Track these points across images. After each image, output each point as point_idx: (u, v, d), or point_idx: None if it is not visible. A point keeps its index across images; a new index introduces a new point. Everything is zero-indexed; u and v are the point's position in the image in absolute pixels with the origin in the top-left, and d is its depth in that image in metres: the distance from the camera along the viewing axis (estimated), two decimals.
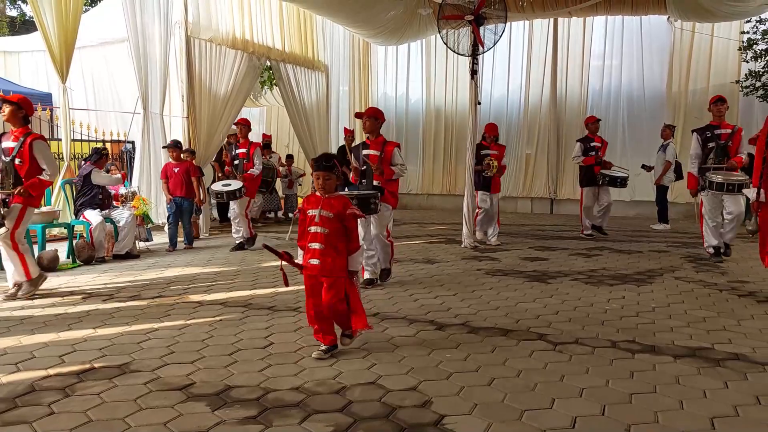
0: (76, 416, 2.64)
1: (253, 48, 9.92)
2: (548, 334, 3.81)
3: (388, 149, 5.19)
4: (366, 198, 4.86)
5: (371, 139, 5.21)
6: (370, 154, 5.15)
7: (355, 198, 4.68)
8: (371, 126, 5.15)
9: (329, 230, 3.36)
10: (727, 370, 3.17)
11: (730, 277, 5.68)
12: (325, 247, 3.35)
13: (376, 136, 5.21)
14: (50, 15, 7.15)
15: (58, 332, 3.91)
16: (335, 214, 3.36)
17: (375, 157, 5.13)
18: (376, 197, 4.93)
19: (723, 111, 6.50)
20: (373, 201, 4.85)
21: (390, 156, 5.20)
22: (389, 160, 5.19)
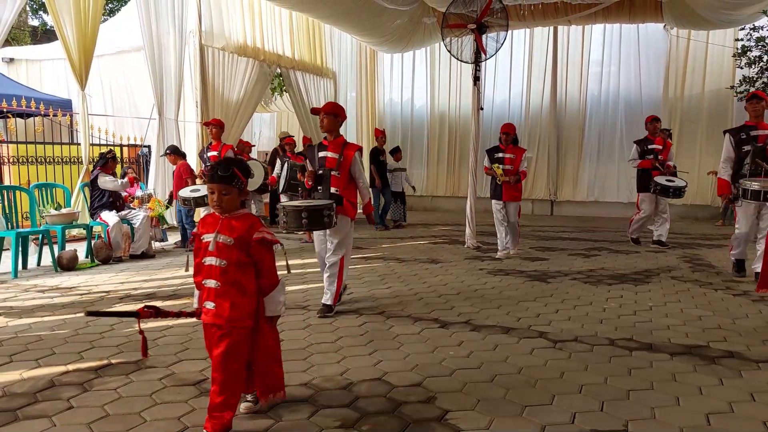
0: (94, 411, 2.74)
1: (264, 56, 10.17)
2: (548, 332, 3.91)
3: (348, 153, 4.43)
4: (317, 209, 4.16)
5: (330, 140, 4.48)
6: (327, 157, 4.44)
7: (304, 210, 4.13)
8: (329, 124, 4.41)
9: (228, 262, 2.47)
10: (722, 367, 3.28)
11: (724, 277, 5.79)
12: (222, 286, 2.48)
13: (336, 136, 4.48)
14: (70, 25, 7.34)
15: (77, 329, 4.01)
16: (236, 240, 2.46)
17: (333, 161, 4.41)
18: (331, 208, 4.21)
19: (760, 110, 5.68)
20: (327, 213, 4.17)
21: (349, 162, 4.43)
22: (348, 165, 4.44)
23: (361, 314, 4.42)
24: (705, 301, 4.80)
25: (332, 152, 4.43)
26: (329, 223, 4.21)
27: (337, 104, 4.60)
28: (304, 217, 4.12)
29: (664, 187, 7.42)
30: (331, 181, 4.40)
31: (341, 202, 4.38)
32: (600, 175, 12.55)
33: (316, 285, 5.49)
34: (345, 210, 4.42)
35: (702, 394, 2.91)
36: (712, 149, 11.59)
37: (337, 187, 4.40)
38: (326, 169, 4.42)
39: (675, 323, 4.14)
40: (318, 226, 4.26)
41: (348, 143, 4.51)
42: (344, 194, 4.43)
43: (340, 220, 4.38)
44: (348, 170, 4.43)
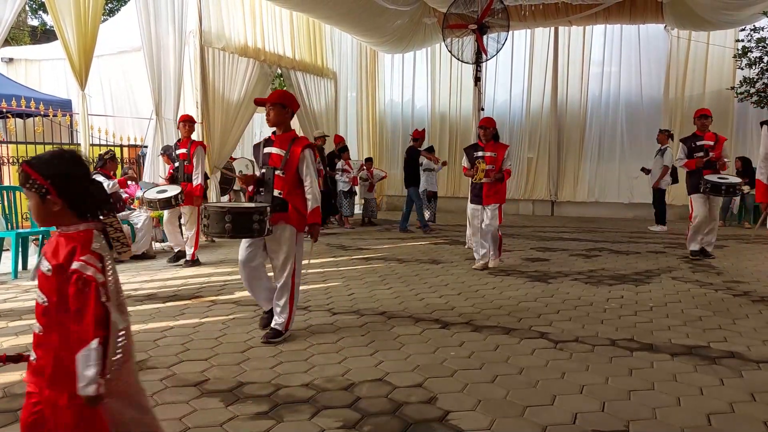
0: None
1: (265, 56, 10.19)
2: (549, 333, 3.91)
3: (296, 149, 3.72)
4: (245, 213, 3.53)
5: (277, 134, 3.83)
6: (272, 154, 3.76)
7: (228, 212, 3.53)
8: (276, 116, 3.75)
9: (48, 299, 1.72)
10: (723, 367, 3.28)
11: (725, 278, 5.79)
12: (44, 332, 1.73)
13: (285, 130, 3.83)
14: (70, 24, 7.33)
15: None
16: (55, 268, 1.70)
17: (278, 158, 3.75)
18: (263, 213, 3.54)
19: None
20: (258, 218, 3.51)
21: (296, 159, 3.71)
22: (295, 163, 3.72)
23: (362, 315, 4.42)
24: (705, 302, 4.80)
25: (278, 148, 3.76)
26: (259, 231, 3.54)
27: (285, 93, 3.96)
28: (227, 221, 3.48)
29: (715, 184, 6.38)
30: (274, 182, 3.71)
31: (285, 208, 3.68)
32: (600, 176, 12.56)
33: (316, 285, 5.50)
34: (290, 218, 3.69)
35: (703, 395, 2.91)
36: None
37: (281, 189, 3.71)
38: (269, 167, 3.74)
39: (676, 323, 4.14)
40: (244, 233, 3.59)
41: (298, 138, 3.84)
42: (290, 199, 3.70)
43: (283, 231, 3.68)
44: (295, 170, 3.71)
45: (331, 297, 5.02)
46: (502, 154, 6.22)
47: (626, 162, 12.12)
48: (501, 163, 6.18)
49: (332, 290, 5.28)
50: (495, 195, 6.20)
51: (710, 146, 6.66)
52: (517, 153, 12.98)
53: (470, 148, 6.44)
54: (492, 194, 6.19)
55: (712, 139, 6.70)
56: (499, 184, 6.19)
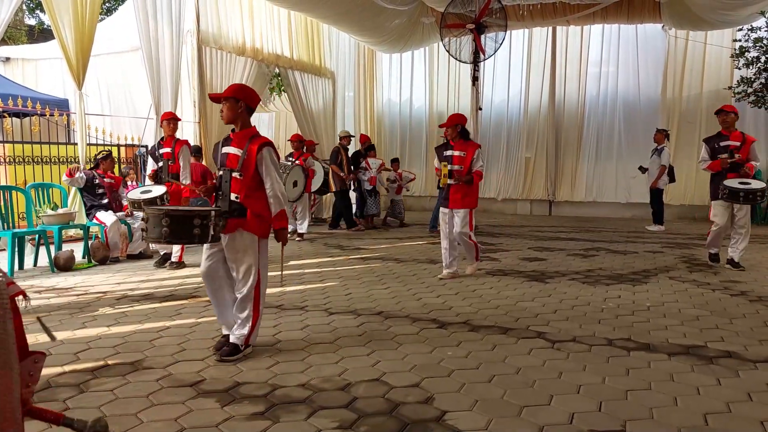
0: (90, 412, 2.72)
1: (262, 56, 10.16)
2: (547, 333, 3.91)
3: (252, 148, 3.40)
4: (183, 218, 3.20)
5: (235, 132, 3.52)
6: (229, 154, 3.48)
7: (165, 215, 3.20)
8: (230, 112, 3.45)
9: None
10: (720, 367, 3.28)
11: (722, 277, 5.80)
12: None
13: (243, 127, 3.50)
14: (67, 24, 7.33)
15: (73, 330, 4.00)
16: None
17: (235, 159, 3.45)
18: (206, 218, 3.21)
19: None
20: (201, 223, 3.19)
21: (254, 159, 3.39)
22: (253, 164, 3.41)
23: (359, 315, 4.41)
24: (702, 301, 4.80)
25: (235, 148, 3.45)
26: (200, 237, 3.22)
27: (240, 86, 3.60)
28: (164, 225, 3.17)
29: (733, 190, 5.84)
30: (231, 185, 3.42)
31: (243, 213, 3.39)
32: (598, 176, 12.57)
33: (313, 285, 5.49)
34: (248, 224, 3.39)
35: (700, 394, 2.91)
36: None
37: (237, 192, 3.40)
38: (226, 169, 3.45)
39: (673, 323, 4.14)
40: (183, 239, 3.31)
41: (256, 136, 3.49)
42: (248, 203, 3.40)
43: (241, 239, 3.40)
44: (254, 171, 3.39)
45: (328, 297, 5.01)
46: (472, 153, 5.70)
47: (624, 162, 12.14)
48: (470, 164, 5.69)
49: (329, 290, 5.27)
50: (464, 199, 5.71)
51: (736, 147, 6.04)
52: (515, 153, 13.00)
53: (441, 147, 5.97)
54: (459, 198, 5.70)
55: (738, 139, 6.08)
56: (469, 187, 5.70)
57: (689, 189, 11.79)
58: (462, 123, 5.76)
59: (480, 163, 5.76)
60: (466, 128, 5.80)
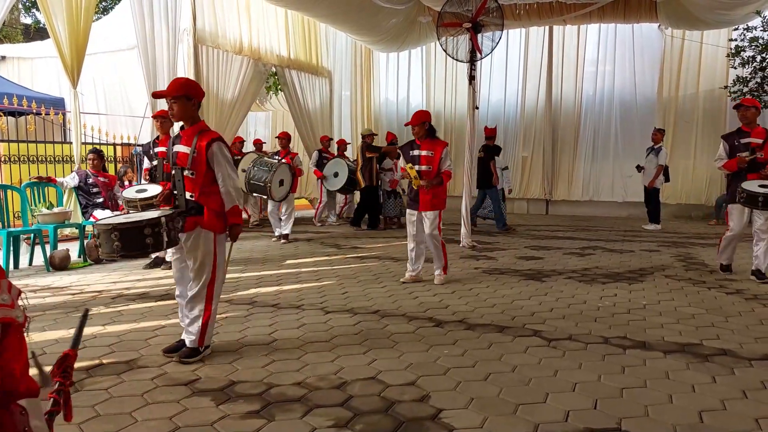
0: (85, 411, 2.72)
1: (259, 54, 10.14)
2: (543, 331, 3.91)
3: (201, 144, 3.34)
4: (132, 229, 3.12)
5: (184, 129, 3.47)
6: (179, 152, 3.42)
7: (114, 229, 3.10)
8: (181, 110, 3.36)
9: None
10: (715, 365, 3.28)
11: (718, 276, 5.81)
12: None
13: (192, 123, 3.43)
14: (62, 22, 7.30)
15: (68, 329, 3.98)
16: None
17: (185, 157, 3.38)
18: (156, 225, 3.14)
19: None
20: (153, 231, 3.12)
21: (204, 156, 3.34)
22: (204, 160, 3.35)
23: (355, 313, 4.40)
24: (698, 300, 4.81)
25: (184, 145, 3.39)
26: (155, 246, 3.16)
27: (187, 81, 3.48)
28: (115, 240, 3.10)
29: (751, 194, 5.18)
30: (184, 184, 3.39)
31: (200, 211, 3.36)
32: (595, 175, 12.58)
33: (310, 284, 5.48)
34: (205, 222, 3.36)
35: (695, 392, 2.91)
36: (707, 149, 11.63)
37: (192, 191, 3.37)
38: (178, 168, 3.40)
39: (668, 321, 4.15)
40: (137, 251, 3.21)
41: (204, 131, 3.41)
42: (204, 200, 3.36)
43: (197, 237, 3.36)
44: (205, 167, 3.35)
45: (324, 296, 5.00)
46: (440, 152, 5.37)
47: (620, 161, 12.15)
48: (438, 164, 5.37)
49: (326, 289, 5.27)
50: (433, 200, 5.39)
51: (758, 145, 5.40)
52: (512, 151, 12.99)
53: (406, 146, 5.61)
54: (429, 199, 5.38)
55: (761, 135, 5.43)
56: (438, 188, 5.40)
57: (685, 188, 11.82)
58: (429, 120, 5.45)
59: (448, 163, 5.43)
60: (433, 126, 5.52)
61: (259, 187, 7.59)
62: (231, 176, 3.40)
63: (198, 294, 3.40)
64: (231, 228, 3.44)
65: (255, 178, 7.55)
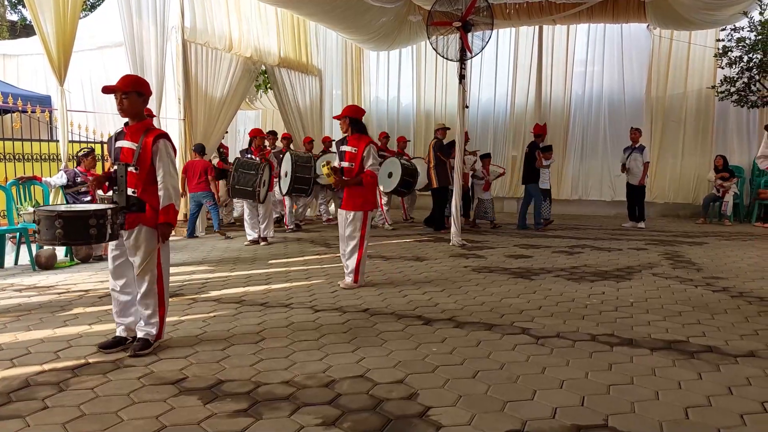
0: (70, 410, 2.69)
1: (249, 52, 10.07)
2: (531, 329, 3.92)
3: (148, 141, 3.35)
4: (77, 218, 3.12)
5: (129, 125, 3.45)
6: (123, 148, 3.41)
7: (57, 216, 3.09)
8: (131, 106, 3.38)
9: None
10: (701, 361, 3.31)
11: (705, 274, 5.86)
12: None
13: (138, 120, 3.44)
14: (49, 19, 7.21)
15: (54, 329, 3.94)
16: None
17: (129, 152, 3.38)
18: (102, 217, 3.15)
19: None
20: (98, 222, 3.13)
21: (149, 152, 3.36)
22: (149, 157, 3.37)
23: (345, 312, 4.39)
24: (685, 297, 4.85)
25: (130, 141, 3.40)
26: (98, 237, 3.15)
27: (138, 78, 3.51)
28: (58, 227, 3.09)
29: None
30: (127, 180, 3.37)
31: (142, 208, 3.37)
32: (583, 174, 12.64)
33: (299, 283, 5.46)
34: (147, 219, 3.38)
35: (681, 388, 2.94)
36: (694, 148, 11.74)
37: (134, 187, 3.37)
38: (121, 164, 3.39)
39: (655, 319, 4.18)
40: (79, 240, 3.26)
41: (152, 128, 3.44)
42: (146, 197, 3.38)
43: (139, 234, 3.38)
44: (150, 164, 3.36)
45: (314, 294, 4.99)
46: (362, 150, 5.06)
47: (609, 160, 12.23)
48: (360, 162, 5.07)
49: (315, 287, 5.25)
50: (355, 200, 5.10)
51: None
52: (502, 151, 13.03)
53: (339, 142, 5.37)
54: (351, 197, 5.12)
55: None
56: (363, 188, 5.08)
57: (673, 187, 11.92)
58: (352, 115, 5.16)
59: (371, 162, 5.05)
60: (360, 121, 5.21)
61: (246, 192, 7.43)
62: (172, 174, 3.42)
63: (148, 292, 3.47)
64: (160, 226, 3.41)
65: (241, 182, 7.41)
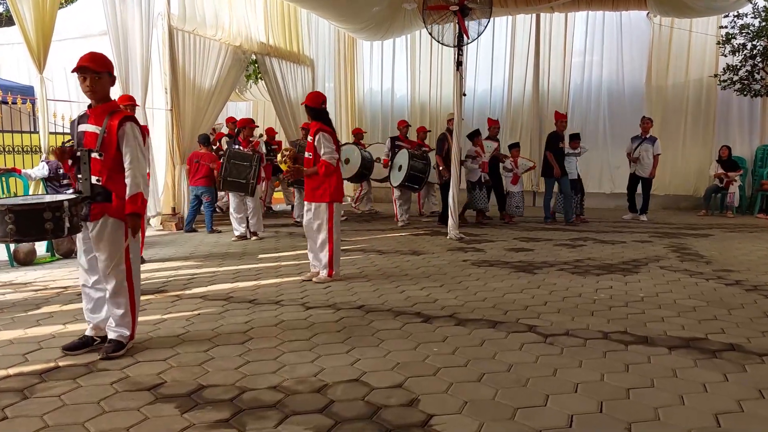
0: (32, 421, 2.43)
1: (238, 41, 9.73)
2: (538, 326, 3.67)
3: (112, 124, 3.07)
4: (31, 212, 2.85)
5: (93, 107, 3.17)
6: (86, 132, 3.12)
7: (8, 211, 2.80)
8: (102, 87, 3.13)
9: None
10: (724, 361, 3.06)
11: (714, 266, 5.62)
12: None
13: (102, 101, 3.16)
14: (27, 5, 6.89)
15: (26, 329, 3.66)
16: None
17: (92, 137, 3.09)
18: (58, 209, 2.87)
19: None
20: (53, 216, 2.86)
21: (114, 137, 3.07)
22: (114, 142, 3.07)
23: (338, 309, 4.12)
24: (698, 291, 4.61)
25: (93, 125, 3.10)
26: (54, 231, 2.87)
27: (105, 57, 3.19)
28: (9, 222, 2.79)
29: None
30: (91, 167, 3.08)
31: (108, 197, 3.09)
32: (582, 166, 12.35)
33: (291, 278, 5.18)
34: (114, 209, 3.09)
35: (707, 392, 2.69)
36: (696, 138, 11.52)
37: (99, 175, 3.07)
38: (84, 150, 3.09)
39: (669, 315, 3.93)
40: (32, 236, 2.96)
41: (117, 110, 3.15)
42: (112, 186, 3.09)
43: (105, 225, 3.09)
44: (115, 149, 3.07)
45: (306, 291, 4.71)
46: (314, 139, 4.87)
47: (608, 152, 11.99)
48: (314, 152, 4.85)
49: (307, 284, 4.98)
50: (315, 191, 4.88)
51: None
52: (500, 143, 12.75)
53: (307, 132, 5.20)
54: (311, 189, 4.90)
55: None
56: (325, 177, 4.84)
57: (674, 179, 11.69)
58: (310, 103, 4.89)
59: (323, 150, 4.77)
60: (318, 108, 4.90)
61: (238, 185, 7.10)
62: (140, 160, 3.12)
63: (119, 289, 3.16)
64: (128, 217, 3.10)
65: (233, 174, 7.08)
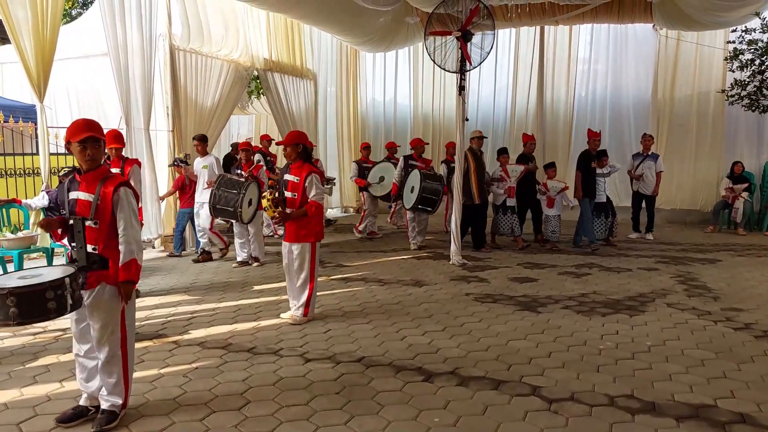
0: None
1: (240, 58, 9.67)
2: (542, 387, 3.58)
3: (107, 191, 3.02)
4: (32, 293, 2.71)
5: (84, 173, 3.10)
6: (79, 200, 3.05)
7: (9, 294, 2.68)
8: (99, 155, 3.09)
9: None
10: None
11: (723, 303, 5.52)
12: None
13: (95, 167, 3.08)
14: (26, 32, 6.83)
15: (21, 388, 3.58)
16: None
17: (86, 205, 3.05)
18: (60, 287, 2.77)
19: None
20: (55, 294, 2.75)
21: (110, 203, 3.01)
22: (109, 209, 3.02)
23: (338, 362, 4.03)
24: (706, 338, 4.51)
25: (85, 192, 3.00)
26: (58, 310, 2.75)
27: (94, 121, 3.09)
28: (11, 305, 2.67)
29: None
30: (86, 236, 2.99)
31: (105, 265, 3.01)
32: None
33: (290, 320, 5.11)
34: (110, 276, 3.02)
35: None
36: (703, 153, 11.38)
37: (95, 243, 3.00)
38: (77, 218, 3.00)
39: (677, 371, 3.84)
40: (36, 317, 2.79)
41: (109, 176, 3.06)
42: (109, 253, 3.02)
43: (102, 293, 3.02)
44: (110, 217, 3.00)
45: (305, 335, 4.64)
46: (303, 179, 4.78)
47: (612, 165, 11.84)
48: (302, 192, 4.79)
49: (307, 326, 4.91)
50: (299, 231, 4.84)
51: None
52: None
53: (285, 169, 5.12)
54: (294, 230, 4.85)
55: None
56: (307, 219, 4.81)
57: (680, 193, 11.57)
58: (304, 142, 4.90)
59: (314, 192, 4.77)
60: (308, 148, 4.96)
61: (227, 213, 6.93)
62: (134, 226, 3.05)
63: (111, 358, 3.07)
64: (122, 284, 3.01)
65: (222, 202, 6.92)
